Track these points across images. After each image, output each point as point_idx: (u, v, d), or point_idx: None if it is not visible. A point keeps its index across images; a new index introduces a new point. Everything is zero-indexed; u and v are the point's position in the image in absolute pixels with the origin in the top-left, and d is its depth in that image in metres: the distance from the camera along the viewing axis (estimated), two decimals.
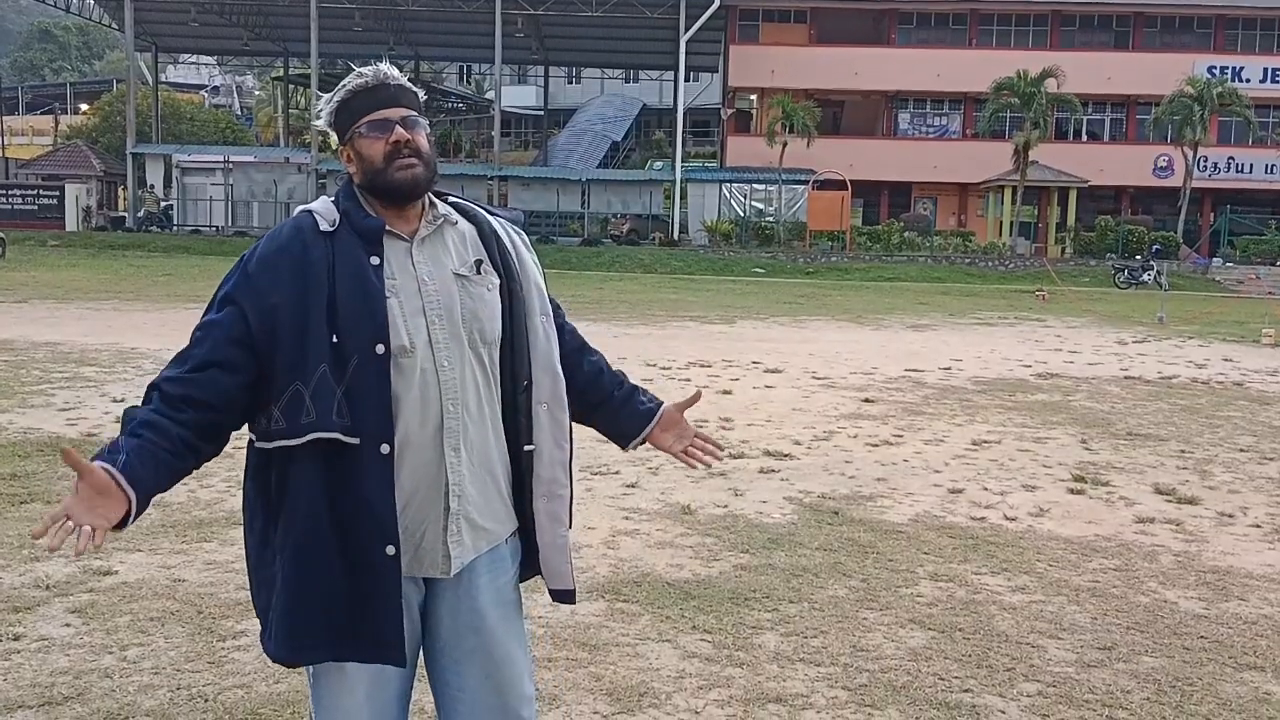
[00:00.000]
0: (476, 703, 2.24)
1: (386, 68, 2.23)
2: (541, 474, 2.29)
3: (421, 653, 2.28)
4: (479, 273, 2.24)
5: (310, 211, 2.20)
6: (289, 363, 2.08)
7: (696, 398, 2.60)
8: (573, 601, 2.42)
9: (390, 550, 2.09)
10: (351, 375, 2.08)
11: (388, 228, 2.18)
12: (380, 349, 2.09)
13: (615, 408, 2.52)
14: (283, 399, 2.09)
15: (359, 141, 2.18)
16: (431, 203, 2.25)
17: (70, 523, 1.86)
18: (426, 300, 2.16)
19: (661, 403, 2.52)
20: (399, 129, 2.17)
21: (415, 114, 2.21)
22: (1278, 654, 4.19)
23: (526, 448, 2.28)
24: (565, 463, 2.34)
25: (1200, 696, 3.78)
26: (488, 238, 2.32)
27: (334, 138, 2.26)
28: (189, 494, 6.09)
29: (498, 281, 2.27)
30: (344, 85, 2.22)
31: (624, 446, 2.58)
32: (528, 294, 2.32)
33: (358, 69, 2.23)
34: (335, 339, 2.07)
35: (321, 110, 2.25)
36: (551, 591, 2.39)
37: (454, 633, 2.22)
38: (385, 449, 2.09)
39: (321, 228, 2.15)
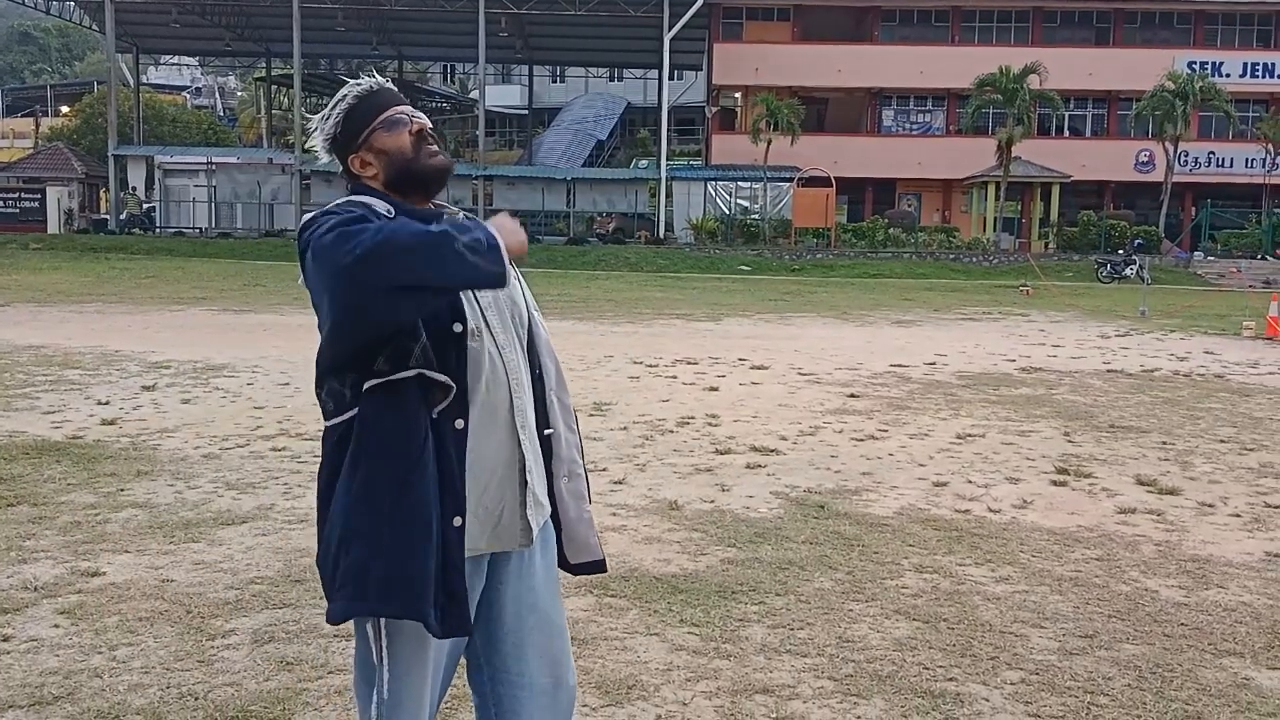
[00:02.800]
0: (535, 686, 2.33)
1: (374, 79, 2.30)
2: (561, 455, 2.40)
3: (470, 647, 2.35)
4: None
5: (360, 202, 2.19)
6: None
7: None
8: (604, 570, 2.53)
9: (458, 522, 2.15)
10: (434, 352, 2.13)
11: None
12: (458, 328, 2.16)
13: None
14: (387, 349, 2.10)
15: (381, 138, 2.22)
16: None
17: None
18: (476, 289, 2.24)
19: None
20: (418, 119, 2.25)
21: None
22: (1257, 640, 4.24)
23: (546, 432, 2.38)
24: (578, 444, 2.47)
25: (1180, 683, 3.83)
26: None
27: (324, 157, 2.28)
28: (176, 495, 6.10)
29: (515, 272, 2.36)
30: (344, 96, 2.25)
31: None
32: (525, 284, 2.42)
33: (352, 81, 2.27)
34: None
35: (321, 128, 2.25)
36: (577, 566, 2.48)
37: (517, 615, 2.31)
38: (460, 424, 2.16)
39: (380, 212, 2.17)
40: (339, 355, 2.13)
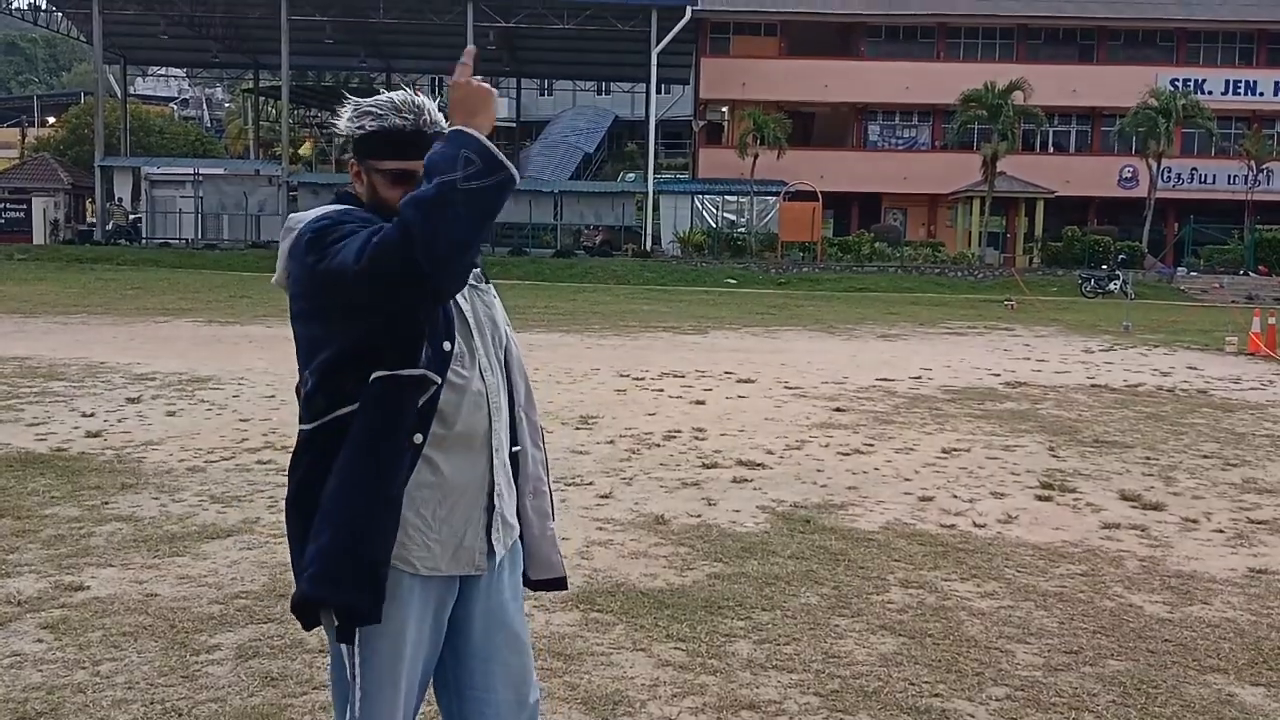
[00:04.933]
0: (500, 701, 2.34)
1: (429, 107, 2.25)
2: (528, 472, 2.42)
3: (439, 663, 2.34)
4: (485, 283, 2.36)
5: (349, 210, 2.22)
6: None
7: None
8: (564, 588, 2.56)
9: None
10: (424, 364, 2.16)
11: None
12: (447, 346, 2.17)
13: None
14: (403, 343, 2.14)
15: (378, 179, 2.23)
16: None
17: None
18: (460, 306, 2.25)
19: None
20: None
21: None
22: (1240, 656, 4.27)
23: (513, 449, 2.38)
24: (544, 462, 2.48)
25: (1165, 699, 3.85)
26: None
27: (341, 128, 2.27)
28: (160, 509, 6.07)
29: (493, 290, 2.38)
30: (378, 112, 2.22)
31: None
32: (501, 305, 2.42)
33: (398, 97, 2.21)
34: None
35: (346, 117, 2.25)
36: (538, 583, 2.49)
37: (485, 632, 2.32)
38: (418, 439, 2.17)
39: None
40: (361, 346, 2.12)
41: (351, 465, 2.14)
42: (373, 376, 2.12)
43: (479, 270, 2.37)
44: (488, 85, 2.13)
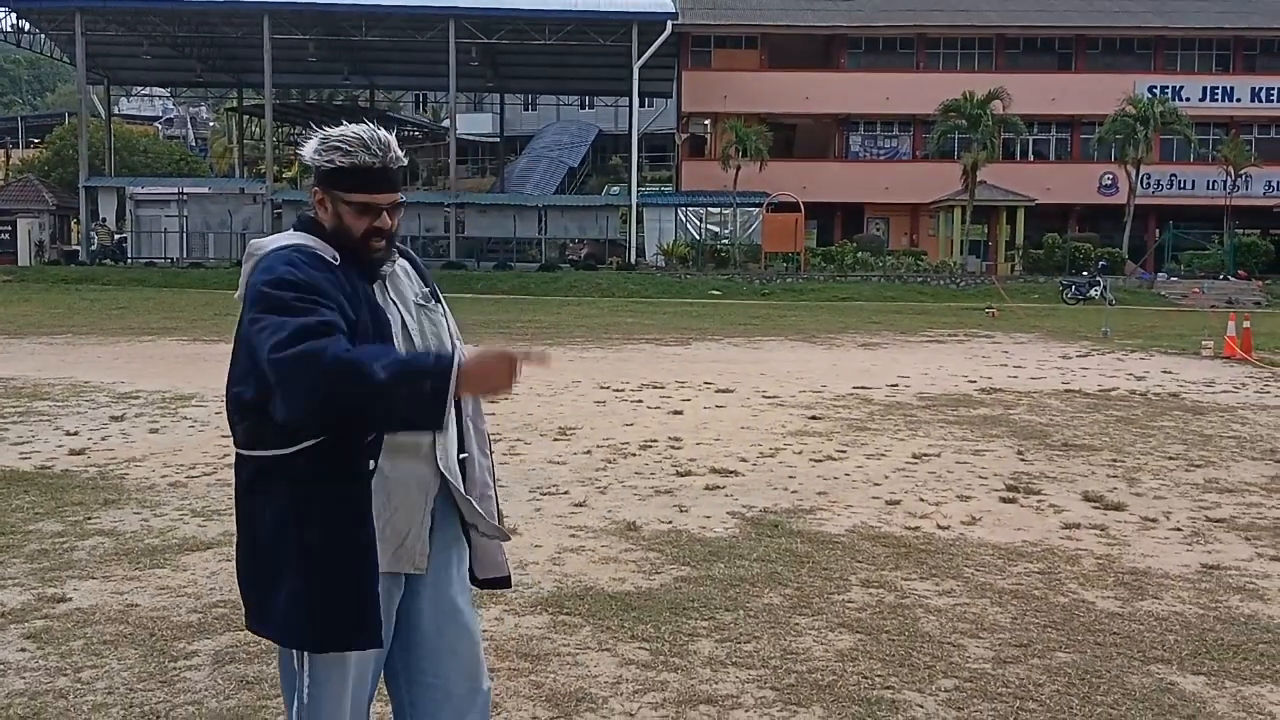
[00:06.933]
0: (450, 689, 2.49)
1: (391, 142, 2.38)
2: (474, 478, 2.56)
3: (389, 654, 2.49)
4: (435, 301, 2.51)
5: (309, 248, 2.34)
6: None
7: None
8: (509, 586, 2.72)
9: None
10: None
11: None
12: None
13: None
14: None
15: (343, 209, 2.36)
16: None
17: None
18: (409, 328, 2.41)
19: None
20: (385, 217, 2.36)
21: (400, 194, 2.39)
22: (1184, 648, 4.43)
23: (461, 456, 2.53)
24: (490, 468, 2.63)
25: (1107, 688, 4.00)
26: (421, 271, 2.57)
27: (307, 159, 2.40)
28: (141, 522, 6.19)
29: (443, 308, 2.53)
30: (347, 148, 2.33)
31: None
32: (451, 319, 2.55)
33: (366, 134, 2.34)
34: None
35: (314, 149, 2.38)
36: (484, 581, 2.64)
37: (435, 624, 2.46)
38: (372, 464, 2.32)
39: (327, 260, 2.34)
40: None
41: (327, 514, 2.28)
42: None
43: (429, 290, 2.53)
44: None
